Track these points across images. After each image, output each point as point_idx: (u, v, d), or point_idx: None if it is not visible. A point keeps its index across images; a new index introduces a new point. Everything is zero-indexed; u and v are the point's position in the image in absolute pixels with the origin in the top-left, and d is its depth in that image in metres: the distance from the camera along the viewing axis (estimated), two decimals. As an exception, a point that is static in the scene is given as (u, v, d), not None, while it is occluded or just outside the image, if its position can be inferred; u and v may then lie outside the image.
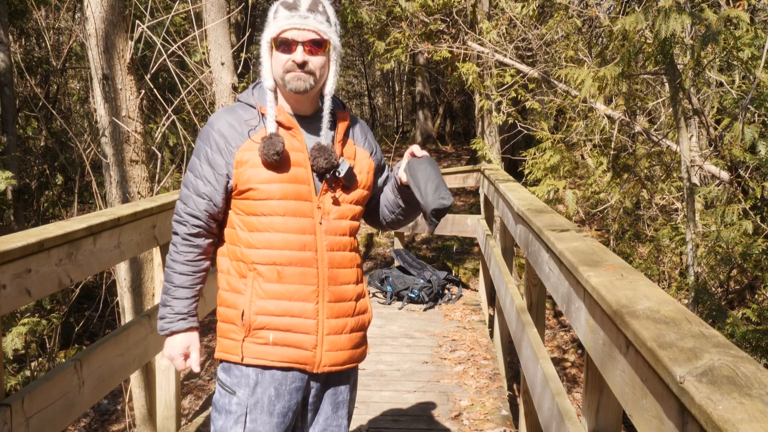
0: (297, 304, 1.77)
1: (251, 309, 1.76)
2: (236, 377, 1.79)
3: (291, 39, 1.73)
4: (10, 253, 1.89)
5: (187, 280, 1.84)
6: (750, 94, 3.99)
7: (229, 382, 1.80)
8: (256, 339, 1.76)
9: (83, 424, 6.23)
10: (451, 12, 7.42)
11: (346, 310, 1.85)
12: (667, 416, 1.17)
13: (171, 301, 1.85)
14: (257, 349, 1.77)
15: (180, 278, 1.84)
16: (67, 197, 9.00)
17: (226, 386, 1.80)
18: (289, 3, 1.76)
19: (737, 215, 4.14)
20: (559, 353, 6.69)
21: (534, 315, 3.05)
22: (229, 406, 1.79)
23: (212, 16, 6.27)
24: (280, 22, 1.74)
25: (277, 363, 1.77)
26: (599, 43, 7.21)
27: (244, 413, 1.78)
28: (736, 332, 3.77)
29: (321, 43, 1.76)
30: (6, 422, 1.85)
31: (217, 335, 1.85)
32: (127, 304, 4.64)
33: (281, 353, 1.77)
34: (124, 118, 4.58)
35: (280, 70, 1.75)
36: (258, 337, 1.76)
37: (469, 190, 11.88)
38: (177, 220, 1.84)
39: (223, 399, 1.81)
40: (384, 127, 21.67)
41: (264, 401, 1.78)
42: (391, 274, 6.28)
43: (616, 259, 1.90)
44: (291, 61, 1.73)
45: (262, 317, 1.76)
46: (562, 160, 6.12)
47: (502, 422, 3.57)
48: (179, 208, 1.83)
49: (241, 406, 1.78)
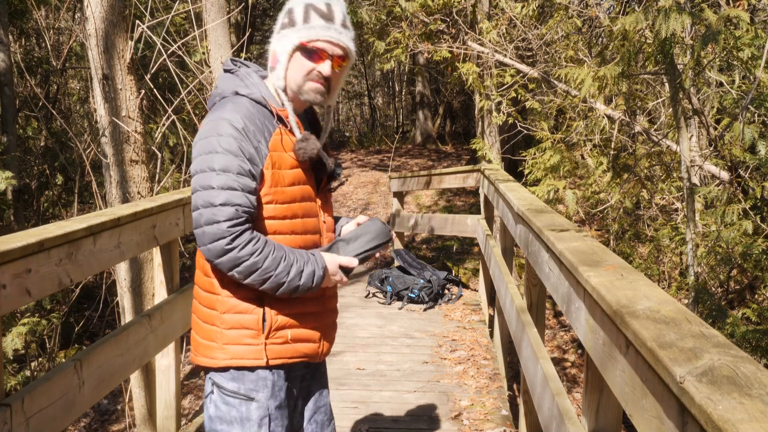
0: (309, 300, 1.81)
1: (272, 310, 1.74)
2: (252, 382, 1.75)
3: (324, 50, 1.71)
4: (10, 253, 1.89)
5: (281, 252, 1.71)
6: (750, 94, 3.99)
7: (243, 389, 1.75)
8: (276, 339, 1.76)
9: (83, 424, 6.23)
10: (451, 12, 7.42)
11: (335, 299, 1.95)
12: (667, 416, 1.17)
13: (304, 266, 1.72)
14: (278, 349, 1.77)
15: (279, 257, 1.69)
16: (67, 197, 9.00)
17: (238, 394, 1.74)
18: (324, 12, 1.72)
19: (737, 215, 4.14)
20: (559, 353, 6.69)
21: (534, 315, 3.05)
22: (247, 414, 1.74)
23: (212, 16, 6.28)
24: (317, 30, 1.70)
25: (294, 360, 1.80)
26: (599, 43, 7.21)
27: (267, 416, 1.76)
28: (736, 332, 3.77)
29: (345, 59, 1.76)
30: (6, 422, 1.85)
31: (218, 344, 1.75)
32: (127, 304, 4.65)
33: (296, 349, 1.80)
34: (124, 118, 4.58)
35: (301, 76, 1.73)
36: (278, 337, 1.76)
37: (469, 190, 11.88)
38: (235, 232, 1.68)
39: (236, 409, 1.75)
40: (384, 127, 21.67)
41: (283, 399, 1.80)
42: (391, 274, 6.28)
43: (616, 259, 1.90)
44: (317, 71, 1.72)
45: (282, 317, 1.76)
46: (562, 160, 6.12)
47: (502, 422, 3.57)
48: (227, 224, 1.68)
49: (262, 410, 1.75)
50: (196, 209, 1.66)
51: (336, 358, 4.57)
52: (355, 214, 11.50)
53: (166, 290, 3.23)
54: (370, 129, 21.62)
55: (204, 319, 1.80)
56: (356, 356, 4.63)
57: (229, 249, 1.63)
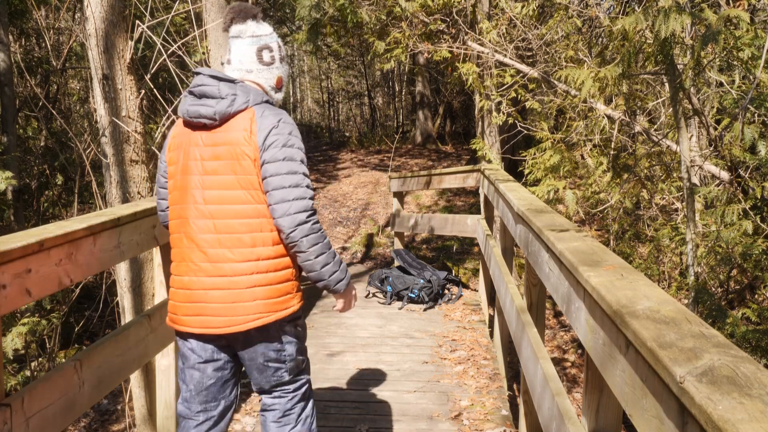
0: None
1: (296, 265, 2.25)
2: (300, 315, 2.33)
3: None
4: (10, 253, 1.89)
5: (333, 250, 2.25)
6: (750, 94, 3.99)
7: (300, 322, 2.31)
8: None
9: (83, 424, 6.23)
10: (451, 12, 7.42)
11: None
12: (667, 416, 1.17)
13: (341, 265, 2.26)
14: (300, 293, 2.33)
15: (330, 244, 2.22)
16: (67, 197, 9.00)
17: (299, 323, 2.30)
18: None
19: (737, 215, 4.14)
20: (559, 353, 6.69)
21: (534, 315, 3.05)
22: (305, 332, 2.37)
23: (212, 16, 6.27)
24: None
25: None
26: (599, 43, 7.21)
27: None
28: (736, 332, 3.77)
29: None
30: (6, 422, 1.85)
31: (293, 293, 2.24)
32: (127, 304, 4.65)
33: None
34: (124, 118, 4.58)
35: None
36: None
37: (469, 190, 11.88)
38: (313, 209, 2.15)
39: (303, 333, 2.34)
40: (384, 127, 21.67)
41: None
42: (391, 274, 6.28)
43: (616, 259, 1.90)
44: None
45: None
46: (562, 160, 6.12)
47: (502, 422, 3.57)
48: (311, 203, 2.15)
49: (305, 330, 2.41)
50: (283, 187, 2.09)
51: (336, 358, 4.57)
52: (356, 214, 11.51)
53: (166, 290, 3.23)
54: (370, 129, 21.62)
55: (279, 281, 2.19)
56: (356, 356, 4.63)
57: (308, 220, 2.11)
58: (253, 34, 2.29)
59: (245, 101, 2.16)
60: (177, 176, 2.24)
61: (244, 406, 3.69)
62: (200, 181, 2.17)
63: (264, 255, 2.15)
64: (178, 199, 2.24)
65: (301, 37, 8.27)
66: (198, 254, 2.17)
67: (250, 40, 2.28)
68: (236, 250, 2.13)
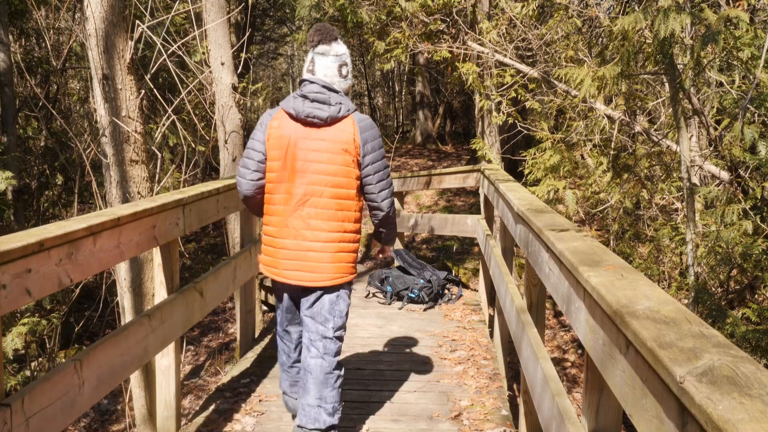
0: None
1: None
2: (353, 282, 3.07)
3: None
4: (10, 253, 1.89)
5: None
6: (750, 94, 3.99)
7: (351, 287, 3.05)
8: None
9: (83, 424, 6.23)
10: (451, 12, 7.42)
11: None
12: (667, 416, 1.17)
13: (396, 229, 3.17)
14: None
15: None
16: (67, 197, 9.00)
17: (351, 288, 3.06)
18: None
19: (737, 215, 4.14)
20: (559, 353, 6.69)
21: (534, 315, 3.05)
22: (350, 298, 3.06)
23: (212, 16, 6.27)
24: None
25: None
26: (599, 43, 7.21)
27: None
28: (736, 332, 3.77)
29: None
30: (6, 422, 1.85)
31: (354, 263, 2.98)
32: (127, 304, 4.65)
33: None
34: (124, 118, 4.58)
35: None
36: None
37: (469, 190, 11.88)
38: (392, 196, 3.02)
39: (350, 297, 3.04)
40: (384, 127, 21.67)
41: None
42: (391, 274, 6.28)
43: (616, 259, 1.90)
44: None
45: None
46: (562, 160, 6.12)
47: (502, 422, 3.57)
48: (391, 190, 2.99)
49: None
50: (382, 180, 2.92)
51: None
52: (355, 214, 11.50)
53: (166, 290, 3.24)
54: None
55: (353, 250, 2.95)
56: (356, 356, 4.63)
57: (393, 197, 3.02)
58: (336, 53, 2.91)
59: (348, 109, 2.84)
60: (285, 160, 2.83)
61: (244, 406, 3.69)
62: (308, 166, 2.80)
63: (349, 229, 2.90)
64: (285, 178, 2.84)
65: (301, 37, 8.27)
66: (300, 223, 2.83)
67: (333, 58, 2.90)
68: (330, 222, 2.83)
